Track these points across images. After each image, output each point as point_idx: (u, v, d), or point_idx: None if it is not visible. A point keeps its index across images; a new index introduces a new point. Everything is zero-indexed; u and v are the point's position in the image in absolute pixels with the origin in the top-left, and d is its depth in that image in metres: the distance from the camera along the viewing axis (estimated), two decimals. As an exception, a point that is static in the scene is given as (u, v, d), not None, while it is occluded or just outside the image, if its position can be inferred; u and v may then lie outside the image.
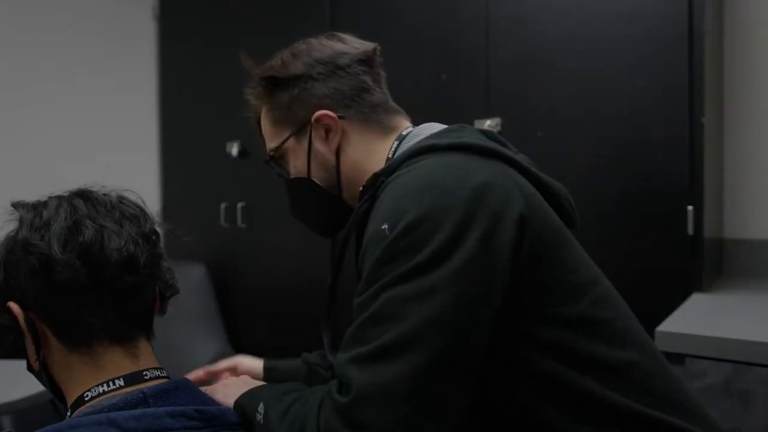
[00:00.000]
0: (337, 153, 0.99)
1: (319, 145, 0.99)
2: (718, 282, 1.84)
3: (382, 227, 0.77)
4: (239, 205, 2.59)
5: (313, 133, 0.99)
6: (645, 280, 1.70)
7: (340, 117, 0.98)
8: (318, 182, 1.01)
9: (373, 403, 0.72)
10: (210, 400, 0.86)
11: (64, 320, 0.78)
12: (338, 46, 1.03)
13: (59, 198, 0.83)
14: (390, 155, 0.97)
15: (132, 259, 0.79)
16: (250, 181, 2.58)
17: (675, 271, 1.66)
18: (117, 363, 0.80)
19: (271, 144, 1.05)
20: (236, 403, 0.87)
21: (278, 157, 1.05)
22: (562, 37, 1.83)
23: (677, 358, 1.29)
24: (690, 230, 1.65)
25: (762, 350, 1.22)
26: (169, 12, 2.86)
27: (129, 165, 2.82)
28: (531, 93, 1.89)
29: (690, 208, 1.65)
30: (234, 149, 2.56)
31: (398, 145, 0.97)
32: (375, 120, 1.01)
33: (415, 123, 1.90)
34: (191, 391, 0.83)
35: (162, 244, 0.92)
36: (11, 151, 2.43)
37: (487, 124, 1.91)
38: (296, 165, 1.02)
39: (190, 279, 2.57)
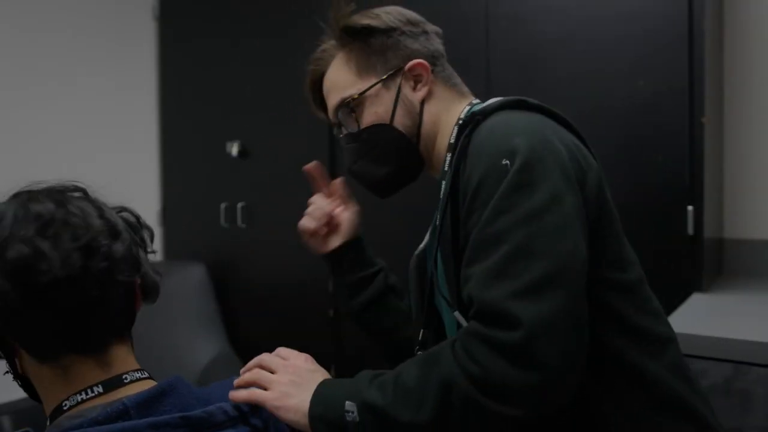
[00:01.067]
0: (422, 103, 1.06)
1: (407, 93, 1.05)
2: (718, 282, 1.84)
3: (503, 162, 0.82)
4: (239, 205, 2.59)
5: (402, 81, 1.05)
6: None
7: (431, 69, 1.06)
8: (400, 129, 1.05)
9: (545, 336, 0.73)
10: (200, 401, 0.81)
11: (19, 337, 0.76)
12: (419, 17, 1.11)
13: None
14: (462, 116, 1.02)
15: (70, 279, 0.72)
16: (250, 181, 2.58)
17: (675, 271, 1.66)
18: (86, 374, 0.77)
19: (349, 91, 1.07)
20: (310, 417, 0.84)
21: (351, 107, 1.07)
22: (562, 37, 1.83)
23: (677, 358, 1.29)
24: (690, 230, 1.65)
25: (762, 350, 1.22)
26: (169, 12, 2.86)
27: (129, 165, 2.82)
28: (531, 93, 1.88)
29: (690, 208, 1.65)
30: (234, 149, 2.56)
31: (470, 109, 1.04)
32: (454, 81, 1.10)
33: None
34: (179, 394, 0.79)
35: (158, 244, 0.91)
36: (11, 151, 2.43)
37: (487, 124, 1.91)
38: (378, 112, 1.06)
39: (190, 279, 2.57)
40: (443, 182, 0.96)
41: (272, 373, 0.92)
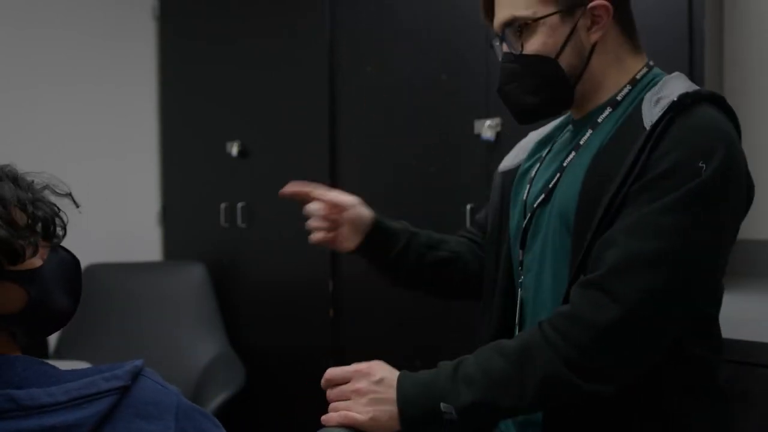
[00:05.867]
0: (593, 46, 1.03)
1: (582, 32, 1.02)
2: (718, 282, 1.83)
3: (700, 164, 0.88)
4: (239, 205, 2.59)
5: (581, 19, 1.02)
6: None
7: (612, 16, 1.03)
8: (563, 66, 1.03)
9: (647, 328, 0.89)
10: (9, 384, 0.75)
11: None
12: None
13: None
14: (638, 77, 1.04)
15: None
16: (250, 181, 2.58)
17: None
18: None
19: (524, 11, 1.03)
20: (405, 422, 0.92)
21: (519, 26, 1.03)
22: (562, 37, 1.83)
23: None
24: (690, 230, 1.65)
25: (762, 350, 1.22)
26: (169, 11, 2.86)
27: (129, 165, 2.82)
28: (531, 93, 1.89)
29: (690, 208, 1.65)
30: (234, 149, 2.56)
31: (647, 72, 1.05)
32: (630, 34, 1.06)
33: (412, 123, 1.88)
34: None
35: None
36: (10, 151, 2.43)
37: (487, 124, 1.91)
38: (547, 42, 1.02)
39: (190, 279, 2.57)
40: (589, 129, 1.04)
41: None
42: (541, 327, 0.91)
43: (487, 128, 1.91)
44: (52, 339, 2.45)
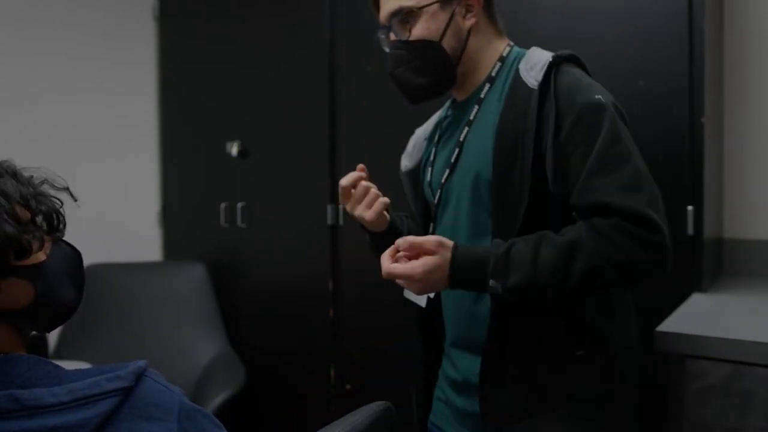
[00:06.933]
0: (468, 32, 1.21)
1: (459, 19, 1.20)
2: (718, 282, 1.84)
3: (596, 96, 1.09)
4: (239, 205, 2.59)
5: (457, 7, 1.20)
6: (645, 280, 1.69)
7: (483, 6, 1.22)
8: (446, 49, 1.20)
9: (667, 235, 1.05)
10: (13, 384, 0.75)
11: None
12: None
13: None
14: (504, 55, 1.24)
15: None
16: (250, 181, 2.58)
17: (675, 271, 1.66)
18: None
19: (409, 2, 1.19)
20: (452, 282, 1.07)
21: (407, 16, 1.19)
22: (561, 37, 1.83)
23: (677, 359, 1.29)
24: (690, 230, 1.65)
25: (762, 350, 1.22)
26: (169, 11, 2.86)
27: (129, 165, 2.82)
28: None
29: (690, 208, 1.65)
30: (234, 149, 2.56)
31: (511, 50, 1.25)
32: (496, 20, 1.26)
33: (412, 123, 1.89)
34: None
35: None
36: (10, 151, 2.43)
37: (487, 124, 1.91)
38: (430, 28, 1.19)
39: (190, 279, 2.57)
40: (475, 105, 1.22)
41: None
42: (588, 228, 1.04)
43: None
44: (53, 339, 2.45)
